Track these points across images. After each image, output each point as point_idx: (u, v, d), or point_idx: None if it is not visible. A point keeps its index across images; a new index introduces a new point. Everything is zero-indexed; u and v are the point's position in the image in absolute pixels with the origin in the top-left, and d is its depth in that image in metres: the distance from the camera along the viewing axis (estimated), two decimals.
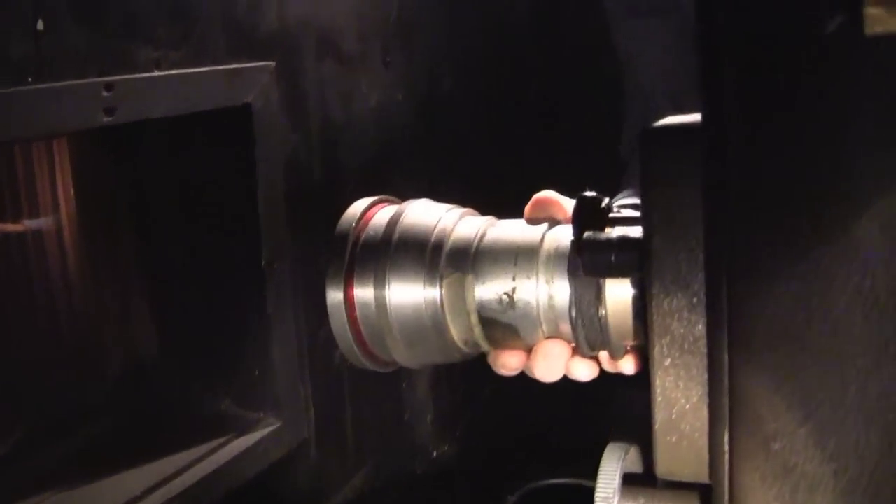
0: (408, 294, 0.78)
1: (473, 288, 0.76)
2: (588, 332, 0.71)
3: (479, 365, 0.83)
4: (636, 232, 0.67)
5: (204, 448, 1.32)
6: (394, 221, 0.80)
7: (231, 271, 1.40)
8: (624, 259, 0.67)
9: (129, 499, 1.19)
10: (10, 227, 1.34)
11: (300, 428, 1.47)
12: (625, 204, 0.83)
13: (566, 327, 0.73)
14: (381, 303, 0.78)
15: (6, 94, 0.99)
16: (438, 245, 0.78)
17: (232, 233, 1.39)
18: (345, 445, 1.66)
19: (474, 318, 0.77)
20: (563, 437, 1.97)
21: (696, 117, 0.59)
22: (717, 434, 0.60)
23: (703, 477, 0.63)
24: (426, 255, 0.78)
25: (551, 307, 0.74)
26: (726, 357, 0.57)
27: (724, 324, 0.57)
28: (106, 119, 1.09)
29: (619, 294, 0.69)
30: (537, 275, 0.74)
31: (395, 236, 0.79)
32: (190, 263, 1.45)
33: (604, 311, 0.70)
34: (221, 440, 1.35)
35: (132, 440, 1.37)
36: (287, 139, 1.43)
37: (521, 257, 0.75)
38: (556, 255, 0.74)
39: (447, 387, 1.99)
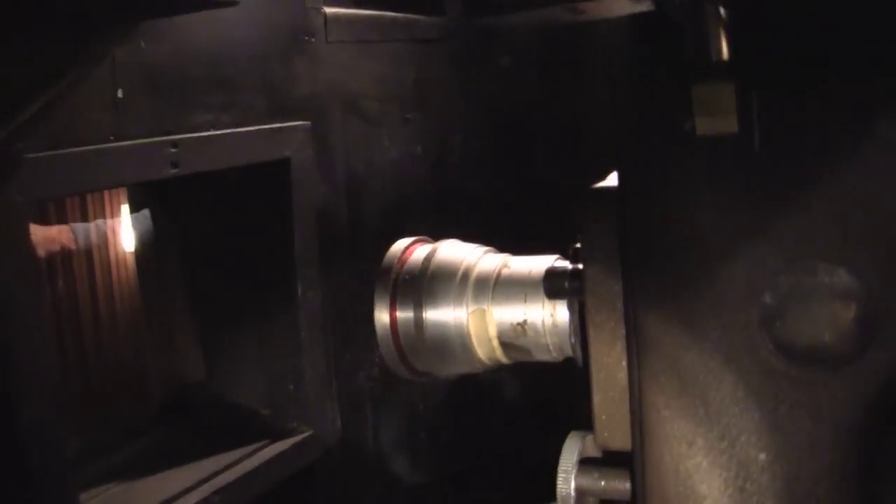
0: (440, 316, 1.02)
1: (493, 320, 1.00)
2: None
3: (493, 388, 1.05)
4: None
5: (244, 450, 1.51)
6: (429, 258, 1.05)
7: (270, 301, 1.60)
8: (573, 286, 0.89)
9: (181, 490, 1.39)
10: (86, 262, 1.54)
11: (328, 437, 1.65)
12: None
13: (568, 347, 0.96)
14: (418, 323, 1.02)
15: (94, 150, 1.20)
16: (465, 277, 1.02)
17: (271, 268, 1.58)
18: (367, 457, 1.83)
19: (496, 343, 1.01)
20: None
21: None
22: (634, 412, 0.81)
23: (628, 445, 0.85)
24: (454, 284, 1.01)
25: (556, 332, 0.97)
26: (637, 357, 0.79)
27: (633, 333, 0.79)
28: (173, 171, 1.30)
29: None
30: (542, 307, 0.97)
31: (430, 270, 1.04)
32: (233, 295, 1.65)
33: None
34: (259, 444, 1.54)
35: (183, 444, 1.57)
36: (318, 187, 1.63)
37: (529, 295, 0.99)
38: None
39: (462, 408, 2.11)
